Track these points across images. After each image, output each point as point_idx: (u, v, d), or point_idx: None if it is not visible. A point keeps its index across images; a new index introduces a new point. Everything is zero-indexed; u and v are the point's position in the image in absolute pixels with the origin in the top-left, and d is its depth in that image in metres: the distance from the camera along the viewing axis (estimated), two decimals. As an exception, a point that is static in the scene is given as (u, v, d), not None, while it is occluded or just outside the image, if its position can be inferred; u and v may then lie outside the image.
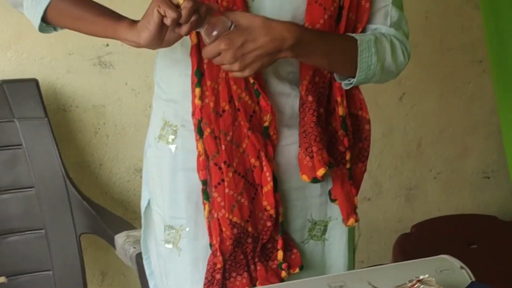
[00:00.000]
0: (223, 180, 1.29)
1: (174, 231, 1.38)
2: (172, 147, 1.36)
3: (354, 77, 1.28)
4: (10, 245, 1.99)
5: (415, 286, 1.11)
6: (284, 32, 1.18)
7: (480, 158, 2.76)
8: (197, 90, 1.27)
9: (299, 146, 1.32)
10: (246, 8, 1.23)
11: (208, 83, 1.27)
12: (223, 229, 1.30)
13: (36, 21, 1.29)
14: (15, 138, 1.96)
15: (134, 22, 1.18)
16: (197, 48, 1.26)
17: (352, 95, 1.36)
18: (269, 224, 1.31)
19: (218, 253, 1.31)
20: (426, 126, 2.64)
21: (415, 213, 2.71)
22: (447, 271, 1.20)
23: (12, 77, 2.02)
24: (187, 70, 1.30)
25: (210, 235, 1.33)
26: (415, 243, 2.29)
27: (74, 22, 1.27)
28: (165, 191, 1.38)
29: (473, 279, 1.18)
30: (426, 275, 1.11)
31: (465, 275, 1.19)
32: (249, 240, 1.31)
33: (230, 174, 1.28)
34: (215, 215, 1.31)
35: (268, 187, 1.30)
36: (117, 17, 1.23)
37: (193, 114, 1.29)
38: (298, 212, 1.38)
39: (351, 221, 1.37)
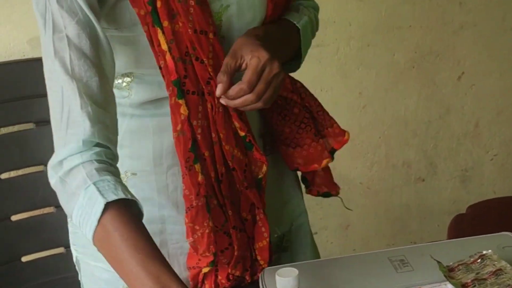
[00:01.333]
0: (230, 244, 1.18)
1: None
2: None
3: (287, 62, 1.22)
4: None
5: (478, 261, 1.10)
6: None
7: (539, 141, 2.71)
8: (197, 166, 1.12)
9: (289, 146, 1.26)
10: (223, 53, 1.11)
11: (206, 153, 1.13)
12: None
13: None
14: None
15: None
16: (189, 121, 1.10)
17: None
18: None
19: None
20: (484, 107, 2.60)
21: (470, 195, 2.68)
22: (510, 247, 1.18)
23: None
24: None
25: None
26: (472, 223, 2.25)
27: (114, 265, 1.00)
28: None
29: (537, 256, 1.16)
30: (490, 251, 1.11)
31: (529, 253, 1.17)
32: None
33: (239, 236, 1.18)
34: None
35: (264, 242, 1.20)
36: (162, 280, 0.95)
37: (197, 194, 1.13)
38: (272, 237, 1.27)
39: (326, 161, 1.28)
